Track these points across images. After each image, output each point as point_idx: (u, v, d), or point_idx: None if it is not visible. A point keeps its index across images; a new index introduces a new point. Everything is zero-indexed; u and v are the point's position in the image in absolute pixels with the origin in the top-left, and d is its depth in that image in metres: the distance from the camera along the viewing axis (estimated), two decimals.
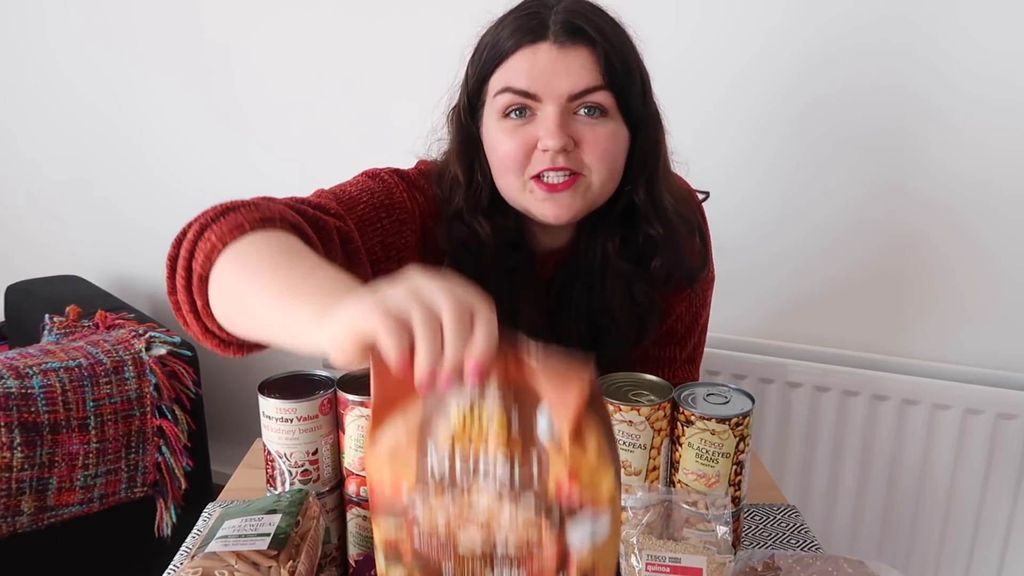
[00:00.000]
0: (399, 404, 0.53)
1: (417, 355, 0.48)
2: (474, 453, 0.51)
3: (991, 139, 1.42)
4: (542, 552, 0.52)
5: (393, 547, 0.54)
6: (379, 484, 0.53)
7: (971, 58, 1.39)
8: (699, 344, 1.09)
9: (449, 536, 0.52)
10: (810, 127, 1.52)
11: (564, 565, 0.52)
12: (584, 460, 0.51)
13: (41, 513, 1.48)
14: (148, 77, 2.00)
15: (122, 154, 2.10)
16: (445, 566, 0.53)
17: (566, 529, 0.51)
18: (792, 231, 1.58)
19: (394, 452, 0.53)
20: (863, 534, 1.59)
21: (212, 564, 0.63)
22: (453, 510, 0.52)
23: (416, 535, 0.53)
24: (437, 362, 0.48)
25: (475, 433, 0.51)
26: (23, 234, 2.30)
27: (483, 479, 0.51)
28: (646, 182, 0.93)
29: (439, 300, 0.49)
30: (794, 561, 0.69)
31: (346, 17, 1.76)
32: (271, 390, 0.75)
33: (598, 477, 0.51)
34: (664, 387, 0.78)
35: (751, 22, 1.49)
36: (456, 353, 0.48)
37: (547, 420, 0.51)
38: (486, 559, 0.52)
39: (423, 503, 0.52)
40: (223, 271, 0.66)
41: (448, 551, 0.53)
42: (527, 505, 0.51)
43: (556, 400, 0.51)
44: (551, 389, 0.51)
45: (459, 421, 0.51)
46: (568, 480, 0.51)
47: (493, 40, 0.88)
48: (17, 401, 1.42)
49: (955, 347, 1.53)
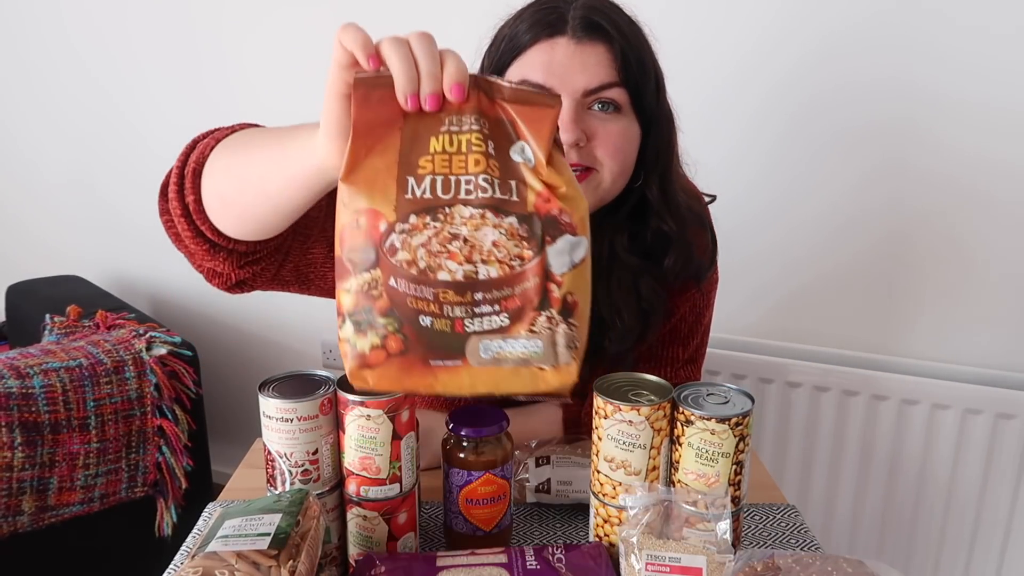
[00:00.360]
0: (375, 145, 0.52)
1: (395, 77, 0.51)
2: (455, 178, 0.51)
3: (991, 139, 1.42)
4: (524, 273, 0.50)
5: (366, 300, 0.51)
6: (352, 222, 0.52)
7: (971, 57, 1.39)
8: (701, 345, 1.10)
9: (430, 268, 0.50)
10: (808, 127, 1.52)
11: (545, 301, 0.51)
12: (560, 179, 0.52)
13: (42, 513, 1.48)
14: (147, 78, 2.00)
15: (122, 155, 2.10)
16: (422, 319, 0.51)
17: (547, 251, 0.51)
18: (792, 231, 1.58)
19: (370, 184, 0.52)
20: (863, 534, 1.59)
21: (212, 564, 0.64)
22: (435, 235, 0.50)
23: (392, 278, 0.50)
24: (415, 81, 0.51)
25: (455, 157, 0.51)
26: (24, 234, 2.30)
27: (466, 198, 0.51)
28: (659, 178, 0.94)
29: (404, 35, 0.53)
30: (794, 561, 0.69)
31: (351, 14, 1.76)
32: (271, 390, 0.75)
33: (575, 198, 0.53)
34: (664, 387, 0.78)
35: (745, 18, 1.49)
36: (431, 69, 0.51)
37: (522, 145, 0.53)
38: (465, 298, 0.50)
39: (403, 237, 0.51)
40: (216, 156, 0.71)
41: (427, 289, 0.50)
42: (510, 220, 0.51)
43: (530, 124, 0.53)
44: (525, 114, 0.53)
45: (439, 147, 0.52)
46: (548, 192, 0.52)
47: (511, 32, 0.89)
48: (18, 401, 1.42)
49: (955, 347, 1.53)
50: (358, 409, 0.73)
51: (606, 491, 0.77)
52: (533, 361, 0.51)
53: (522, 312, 0.51)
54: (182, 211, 0.73)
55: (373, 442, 0.73)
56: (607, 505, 0.78)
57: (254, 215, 0.71)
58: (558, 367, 0.52)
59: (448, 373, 0.51)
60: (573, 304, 0.52)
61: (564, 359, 0.51)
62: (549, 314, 0.51)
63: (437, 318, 0.51)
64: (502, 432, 0.81)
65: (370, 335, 0.51)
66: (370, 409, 0.72)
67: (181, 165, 0.74)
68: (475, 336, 0.51)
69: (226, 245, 0.75)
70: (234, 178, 0.70)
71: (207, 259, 0.76)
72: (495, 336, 0.51)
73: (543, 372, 0.52)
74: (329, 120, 0.56)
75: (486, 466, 0.80)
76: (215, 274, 0.80)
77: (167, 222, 0.76)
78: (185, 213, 0.73)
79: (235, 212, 0.71)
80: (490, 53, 0.93)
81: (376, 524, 0.76)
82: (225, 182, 0.71)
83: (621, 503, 0.76)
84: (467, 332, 0.51)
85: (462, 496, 0.80)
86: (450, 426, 0.81)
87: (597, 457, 0.78)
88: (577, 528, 0.89)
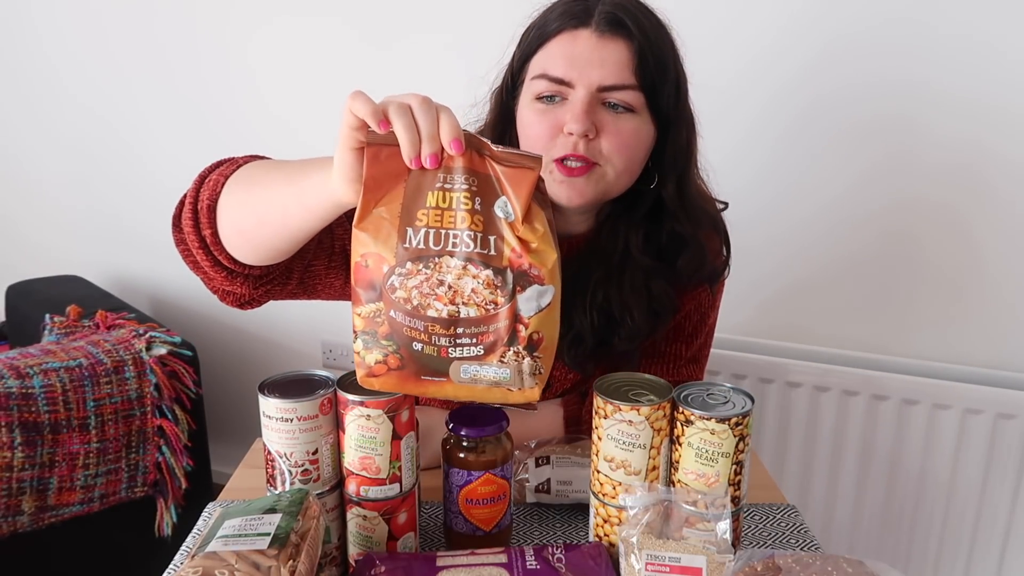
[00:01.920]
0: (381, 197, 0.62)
1: (400, 139, 0.60)
2: (445, 232, 0.61)
3: (992, 139, 1.42)
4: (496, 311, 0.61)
5: (370, 323, 0.62)
6: (362, 262, 0.62)
7: (974, 60, 1.39)
8: (705, 345, 1.10)
9: (421, 306, 0.61)
10: (810, 128, 1.53)
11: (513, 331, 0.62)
12: (533, 236, 0.62)
13: (42, 513, 1.48)
14: (146, 78, 2.00)
15: (122, 155, 2.10)
16: (415, 345, 0.62)
17: (517, 299, 0.61)
18: (792, 231, 1.58)
19: (376, 232, 0.62)
20: (863, 534, 1.59)
21: (212, 564, 0.64)
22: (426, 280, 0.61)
23: (392, 310, 0.61)
24: (417, 144, 0.60)
25: (446, 213, 0.61)
26: (24, 235, 2.30)
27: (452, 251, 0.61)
28: (677, 180, 0.95)
29: (404, 97, 0.62)
30: (794, 561, 0.69)
31: (344, 18, 1.76)
32: (271, 390, 0.75)
33: (544, 252, 0.62)
34: (664, 387, 0.78)
35: (750, 19, 1.49)
36: (431, 131, 0.61)
37: (504, 201, 0.62)
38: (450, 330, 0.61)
39: (401, 279, 0.61)
40: (229, 192, 0.77)
41: (419, 322, 0.61)
42: (487, 272, 0.61)
43: (513, 183, 0.62)
44: (508, 174, 0.62)
45: (434, 203, 0.61)
46: (520, 249, 0.61)
47: (541, 22, 0.92)
48: (18, 401, 1.42)
49: (955, 347, 1.53)
50: (358, 409, 0.73)
51: (606, 491, 0.77)
52: (502, 384, 0.63)
53: (494, 346, 0.62)
54: (199, 243, 0.79)
55: (373, 442, 0.73)
56: (607, 505, 0.78)
57: (272, 244, 0.77)
58: (523, 389, 0.63)
59: (435, 386, 0.63)
60: (538, 340, 0.62)
61: (528, 384, 0.63)
62: (516, 349, 0.62)
63: (426, 345, 0.62)
64: (502, 432, 0.81)
65: (375, 352, 0.63)
66: (370, 409, 0.72)
67: (193, 200, 0.80)
68: (456, 361, 0.62)
69: (243, 271, 0.81)
70: (252, 212, 0.76)
71: (225, 283, 0.83)
72: (472, 362, 0.62)
73: (510, 392, 0.63)
74: (343, 169, 0.64)
75: (486, 466, 0.80)
76: (229, 294, 0.86)
77: (184, 251, 0.83)
78: (203, 245, 0.79)
79: (254, 243, 0.77)
80: (520, 43, 0.95)
81: (376, 524, 0.76)
82: (243, 216, 0.76)
83: (621, 503, 0.76)
84: (450, 357, 0.62)
85: (462, 496, 0.80)
86: (450, 426, 0.81)
87: (597, 457, 0.78)
88: (577, 528, 0.89)
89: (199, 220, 0.79)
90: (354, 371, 0.77)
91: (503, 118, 0.97)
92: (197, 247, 0.80)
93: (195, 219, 0.79)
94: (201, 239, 0.79)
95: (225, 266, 0.80)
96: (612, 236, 0.98)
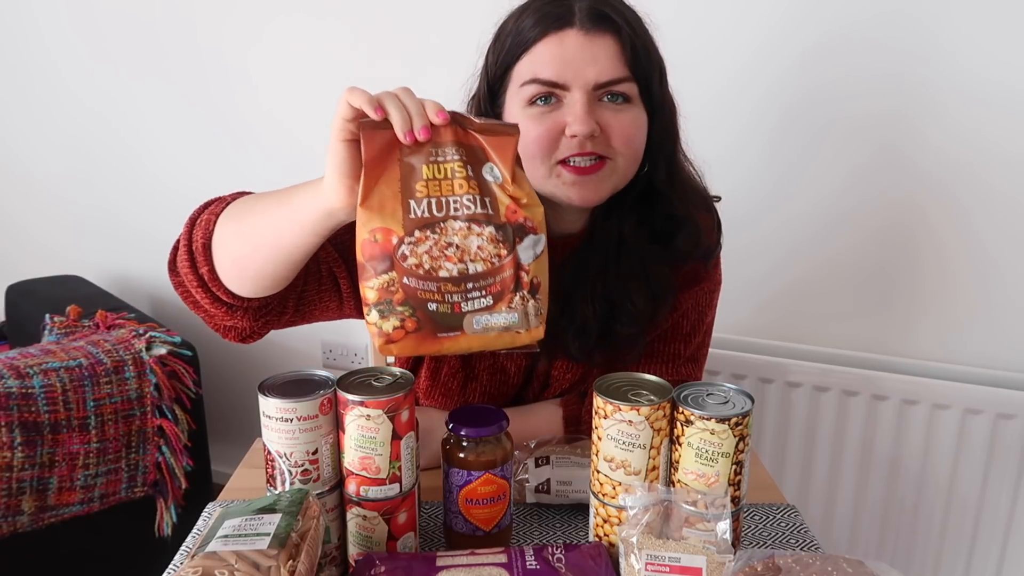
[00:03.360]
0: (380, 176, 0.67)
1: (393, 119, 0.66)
2: (445, 199, 0.67)
3: (990, 140, 1.42)
4: (501, 263, 0.66)
5: (386, 295, 0.66)
6: (371, 238, 0.66)
7: (971, 54, 1.39)
8: (703, 345, 1.10)
9: (432, 268, 0.65)
10: (808, 128, 1.52)
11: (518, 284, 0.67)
12: (522, 193, 0.68)
13: (41, 513, 1.48)
14: (146, 78, 2.00)
15: (122, 155, 2.10)
16: (429, 306, 0.66)
17: (517, 249, 0.67)
18: (792, 231, 1.58)
19: (381, 208, 0.66)
20: (863, 534, 1.59)
21: (212, 564, 0.64)
22: (434, 244, 0.66)
23: (405, 277, 0.65)
24: (408, 120, 0.66)
25: (443, 183, 0.67)
26: (24, 234, 2.30)
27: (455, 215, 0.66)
28: (665, 163, 0.96)
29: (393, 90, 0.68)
30: (794, 561, 0.69)
31: (343, 21, 1.76)
32: (271, 390, 0.75)
33: (534, 206, 0.68)
34: (664, 387, 0.78)
35: (741, 15, 1.49)
36: (418, 109, 0.66)
37: (491, 166, 0.68)
38: (460, 287, 0.66)
39: (410, 247, 0.66)
40: (222, 225, 0.79)
41: (432, 284, 0.65)
42: (489, 229, 0.67)
43: (497, 149, 0.68)
44: (492, 142, 0.68)
45: (430, 175, 0.67)
46: (515, 205, 0.67)
47: (516, 28, 0.90)
48: (18, 401, 1.42)
49: (955, 347, 1.53)
50: (358, 409, 0.73)
51: (606, 491, 0.77)
52: (512, 328, 0.67)
53: (502, 295, 0.67)
54: (198, 282, 0.81)
55: (373, 442, 0.73)
56: (607, 505, 0.78)
57: (268, 271, 0.78)
58: (530, 330, 0.68)
59: (451, 341, 0.67)
60: (538, 284, 0.68)
61: (534, 324, 0.68)
62: (522, 294, 0.67)
63: (440, 303, 0.66)
64: (502, 432, 0.81)
65: (392, 319, 0.66)
66: (370, 409, 0.72)
67: (187, 241, 0.81)
68: (469, 314, 0.66)
69: (241, 304, 0.82)
70: (247, 240, 0.77)
71: (226, 319, 0.84)
72: (483, 313, 0.67)
73: (519, 334, 0.68)
74: (336, 162, 0.68)
75: (486, 466, 0.80)
76: (230, 329, 0.88)
77: (183, 293, 0.84)
78: (201, 283, 0.81)
79: (251, 271, 0.79)
80: (495, 50, 0.93)
81: (376, 524, 0.76)
82: (238, 246, 0.78)
83: (621, 503, 0.76)
84: (463, 312, 0.66)
85: (462, 496, 0.80)
86: (450, 426, 0.81)
87: (597, 457, 0.78)
88: (577, 528, 0.89)
89: (195, 259, 0.80)
90: (355, 371, 0.77)
91: None
92: (196, 286, 0.81)
93: (191, 259, 0.80)
94: (199, 278, 0.80)
95: (224, 301, 0.81)
96: (606, 225, 0.98)
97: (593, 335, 0.98)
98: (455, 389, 1.05)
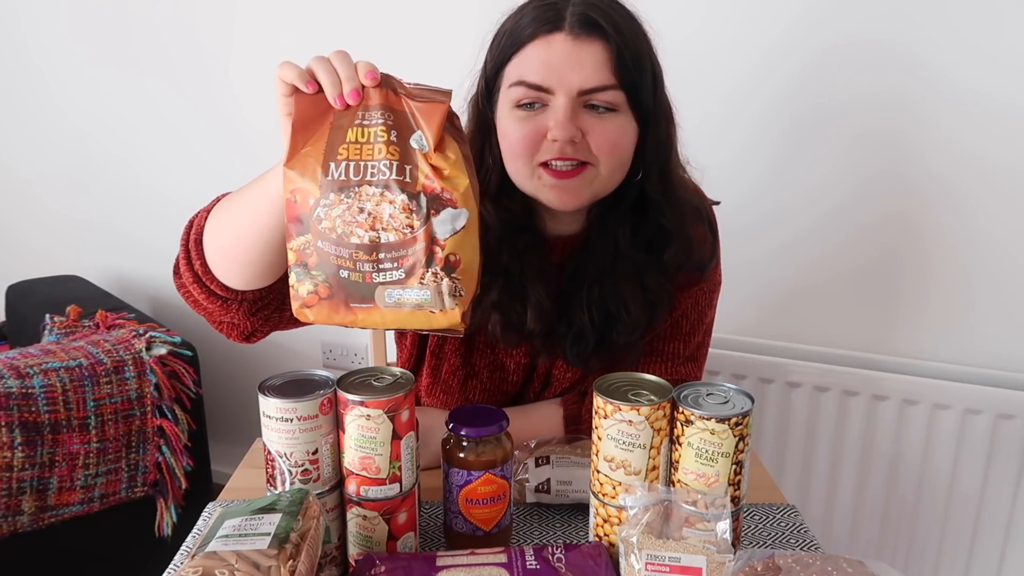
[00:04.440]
0: (309, 137, 0.66)
1: (322, 82, 0.66)
2: (364, 163, 0.65)
3: (992, 139, 1.42)
4: (414, 239, 0.64)
5: (301, 256, 0.65)
6: (292, 198, 0.66)
7: (967, 66, 1.39)
8: (703, 344, 1.10)
9: (345, 233, 0.64)
10: (810, 127, 1.52)
11: (430, 253, 0.64)
12: (445, 163, 0.65)
13: (42, 512, 1.48)
14: (146, 78, 2.00)
15: (122, 155, 2.10)
16: (340, 269, 0.65)
17: (432, 222, 0.64)
18: (792, 231, 1.58)
19: (303, 169, 0.65)
20: (863, 534, 1.59)
21: (212, 564, 0.64)
22: (347, 208, 0.64)
23: (319, 241, 0.65)
24: (338, 85, 0.66)
25: (364, 147, 0.65)
26: (24, 234, 2.30)
27: (371, 181, 0.65)
28: (659, 173, 0.95)
29: (325, 54, 0.68)
30: (794, 561, 0.69)
31: (350, 18, 1.76)
32: (271, 390, 0.75)
33: (456, 177, 0.65)
34: (664, 387, 0.78)
35: (751, 24, 1.49)
36: (349, 73, 0.66)
37: (419, 134, 0.65)
38: (372, 257, 0.64)
39: (325, 210, 0.65)
40: (210, 221, 0.81)
41: (344, 250, 0.64)
42: (402, 197, 0.64)
43: (426, 116, 0.65)
44: (421, 109, 0.66)
45: (353, 138, 0.65)
46: (433, 175, 0.65)
47: (512, 28, 0.91)
48: (18, 401, 1.42)
49: (955, 347, 1.53)
50: (358, 409, 0.73)
51: (606, 491, 0.77)
52: (425, 306, 0.65)
53: (413, 268, 0.64)
54: (193, 278, 0.83)
55: (373, 442, 0.73)
56: (607, 505, 0.78)
57: (253, 257, 0.78)
58: (444, 311, 0.65)
59: (364, 312, 0.66)
60: (455, 262, 0.65)
61: (449, 305, 0.65)
62: (434, 271, 0.64)
63: (351, 271, 0.65)
64: (502, 432, 0.81)
65: (307, 283, 0.66)
66: (370, 409, 0.72)
67: (185, 241, 0.83)
68: (380, 286, 0.65)
69: (235, 297, 0.83)
70: (228, 227, 0.79)
71: (223, 314, 0.85)
72: (395, 286, 0.65)
73: (434, 315, 0.65)
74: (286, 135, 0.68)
75: (486, 466, 0.80)
76: (231, 326, 0.89)
77: (185, 294, 0.86)
78: (196, 279, 0.82)
79: (238, 261, 0.79)
80: (491, 49, 0.94)
81: (376, 524, 0.76)
82: (221, 234, 0.80)
83: (621, 503, 0.76)
84: (374, 283, 0.65)
85: (462, 496, 0.80)
86: (450, 426, 0.81)
87: (597, 457, 0.78)
88: (577, 528, 0.89)
89: (191, 257, 0.82)
90: (355, 371, 0.77)
91: (483, 127, 0.96)
92: (192, 282, 0.83)
93: (188, 258, 0.82)
94: (194, 274, 0.82)
95: (219, 295, 0.83)
96: (602, 232, 0.98)
97: (591, 343, 0.98)
98: (455, 387, 1.05)
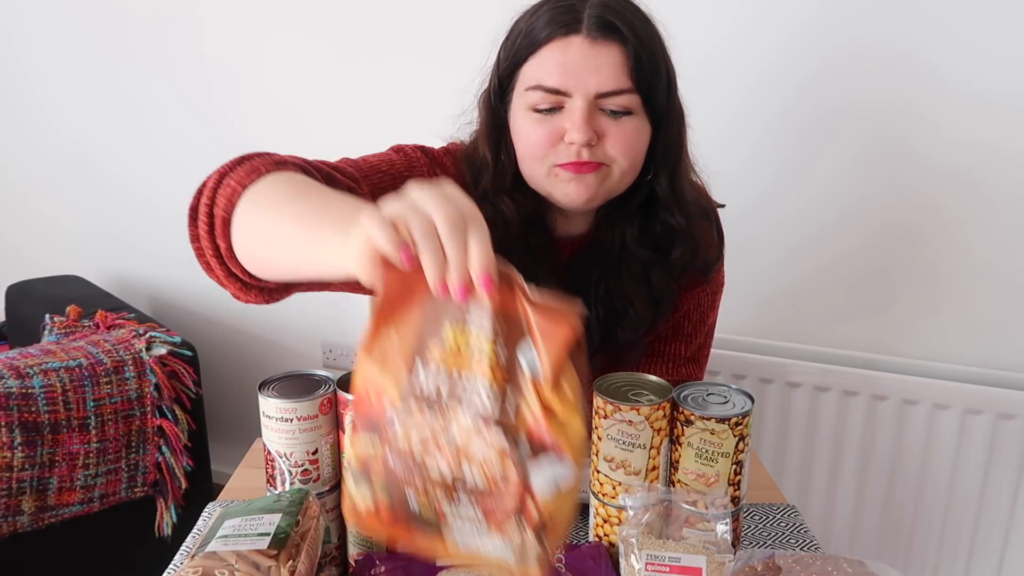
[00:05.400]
0: (396, 317, 0.53)
1: (424, 266, 0.51)
2: (460, 376, 0.52)
3: (990, 143, 1.42)
4: (506, 488, 0.51)
5: (365, 465, 0.54)
6: (365, 393, 0.54)
7: (967, 69, 1.39)
8: (704, 346, 1.10)
9: (422, 458, 0.53)
10: (811, 131, 1.52)
11: (522, 510, 0.52)
12: (559, 401, 0.52)
13: (41, 513, 1.48)
14: (145, 77, 2.00)
15: (122, 155, 2.10)
16: (409, 492, 0.53)
17: (530, 470, 0.52)
18: (793, 231, 1.58)
19: (384, 360, 0.53)
20: (863, 534, 1.59)
21: (212, 564, 0.64)
22: (430, 429, 0.52)
23: (389, 454, 0.53)
24: (443, 268, 0.51)
25: (464, 357, 0.52)
26: (24, 234, 2.30)
27: (464, 404, 0.52)
28: (669, 173, 0.96)
29: (432, 208, 0.51)
30: (794, 561, 0.69)
31: (362, 12, 1.76)
32: (271, 390, 0.75)
33: (571, 424, 0.52)
34: (664, 387, 0.78)
35: (763, 28, 1.49)
36: (457, 259, 0.51)
37: (531, 354, 0.52)
38: (449, 491, 0.53)
39: (402, 419, 0.53)
40: (245, 211, 0.71)
41: (417, 475, 0.53)
42: (500, 436, 0.52)
43: (545, 335, 0.52)
44: (541, 324, 0.52)
45: (452, 342, 0.52)
46: (543, 416, 0.52)
47: (527, 28, 0.90)
48: (18, 401, 1.42)
49: (955, 347, 1.53)
50: None
51: (606, 491, 0.77)
52: (500, 561, 0.53)
53: (496, 515, 0.52)
54: (214, 252, 0.74)
55: None
56: (607, 505, 0.78)
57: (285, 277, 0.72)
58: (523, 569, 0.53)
59: (427, 540, 0.54)
60: (549, 525, 0.53)
61: (531, 566, 0.53)
62: (523, 528, 0.52)
63: (421, 496, 0.53)
64: None
65: (366, 494, 0.54)
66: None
67: (210, 201, 0.74)
68: (453, 520, 0.53)
69: (256, 284, 0.76)
70: (266, 246, 0.71)
71: (240, 294, 0.78)
72: (470, 525, 0.53)
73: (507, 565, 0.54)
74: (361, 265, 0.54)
75: None
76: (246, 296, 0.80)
77: (197, 249, 0.77)
78: (217, 254, 0.74)
79: (270, 271, 0.72)
80: (506, 47, 0.94)
81: None
82: (257, 246, 0.71)
83: (621, 503, 0.76)
84: (447, 519, 0.53)
85: None
86: None
87: (597, 457, 0.78)
88: (577, 528, 0.89)
89: (214, 228, 0.73)
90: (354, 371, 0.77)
91: (496, 125, 0.96)
92: (212, 255, 0.75)
93: (210, 225, 0.73)
94: (216, 248, 0.74)
95: (240, 278, 0.76)
96: (609, 230, 0.99)
97: (595, 340, 0.98)
98: None
